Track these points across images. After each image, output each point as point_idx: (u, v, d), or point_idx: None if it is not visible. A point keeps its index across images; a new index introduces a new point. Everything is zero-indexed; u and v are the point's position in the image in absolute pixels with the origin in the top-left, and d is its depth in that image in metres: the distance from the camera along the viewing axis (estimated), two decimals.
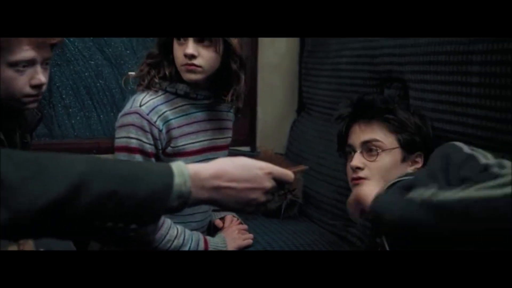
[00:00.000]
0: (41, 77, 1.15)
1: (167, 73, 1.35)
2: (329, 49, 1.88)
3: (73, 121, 1.97)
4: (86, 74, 1.96)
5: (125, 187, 0.66)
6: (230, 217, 1.53)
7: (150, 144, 1.32)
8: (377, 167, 1.25)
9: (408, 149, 1.27)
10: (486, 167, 0.88)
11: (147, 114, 1.31)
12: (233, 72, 1.35)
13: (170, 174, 0.69)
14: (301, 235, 1.62)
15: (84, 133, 2.00)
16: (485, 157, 0.93)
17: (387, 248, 1.05)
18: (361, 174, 1.27)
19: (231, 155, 1.92)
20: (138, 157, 1.32)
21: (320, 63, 1.95)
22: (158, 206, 0.69)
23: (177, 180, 0.69)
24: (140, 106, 1.31)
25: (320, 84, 1.95)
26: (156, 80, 1.35)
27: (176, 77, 1.36)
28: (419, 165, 1.28)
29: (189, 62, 1.29)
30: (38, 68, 1.15)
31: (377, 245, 1.16)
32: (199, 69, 1.30)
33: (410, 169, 1.27)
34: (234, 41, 1.32)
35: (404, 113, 1.29)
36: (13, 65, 1.11)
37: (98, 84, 1.98)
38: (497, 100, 1.15)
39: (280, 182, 0.79)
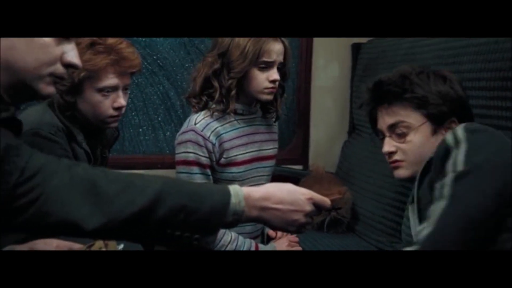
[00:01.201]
0: (122, 100, 1.35)
1: (219, 97, 1.46)
2: (378, 74, 1.95)
3: (141, 138, 2.16)
4: (154, 97, 2.15)
5: (192, 203, 0.79)
6: None
7: (205, 157, 1.46)
8: (409, 148, 1.24)
9: (437, 120, 1.22)
10: (442, 185, 0.99)
11: (202, 131, 1.46)
12: (282, 86, 1.55)
13: (228, 194, 0.83)
14: (348, 249, 1.70)
15: (151, 149, 2.17)
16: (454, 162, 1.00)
17: None
18: (395, 157, 1.26)
19: (284, 173, 2.03)
20: (196, 169, 1.46)
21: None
22: (217, 221, 0.82)
23: (233, 199, 0.82)
24: (195, 124, 1.47)
25: None
26: (212, 107, 1.47)
27: (225, 96, 1.47)
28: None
29: (275, 85, 1.47)
30: (120, 93, 1.35)
31: None
32: (275, 89, 1.49)
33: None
34: (289, 60, 1.51)
35: (423, 87, 1.22)
36: (100, 90, 1.32)
37: (164, 106, 2.16)
38: None
39: (318, 207, 0.90)
